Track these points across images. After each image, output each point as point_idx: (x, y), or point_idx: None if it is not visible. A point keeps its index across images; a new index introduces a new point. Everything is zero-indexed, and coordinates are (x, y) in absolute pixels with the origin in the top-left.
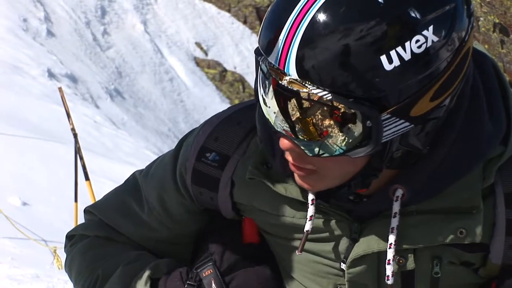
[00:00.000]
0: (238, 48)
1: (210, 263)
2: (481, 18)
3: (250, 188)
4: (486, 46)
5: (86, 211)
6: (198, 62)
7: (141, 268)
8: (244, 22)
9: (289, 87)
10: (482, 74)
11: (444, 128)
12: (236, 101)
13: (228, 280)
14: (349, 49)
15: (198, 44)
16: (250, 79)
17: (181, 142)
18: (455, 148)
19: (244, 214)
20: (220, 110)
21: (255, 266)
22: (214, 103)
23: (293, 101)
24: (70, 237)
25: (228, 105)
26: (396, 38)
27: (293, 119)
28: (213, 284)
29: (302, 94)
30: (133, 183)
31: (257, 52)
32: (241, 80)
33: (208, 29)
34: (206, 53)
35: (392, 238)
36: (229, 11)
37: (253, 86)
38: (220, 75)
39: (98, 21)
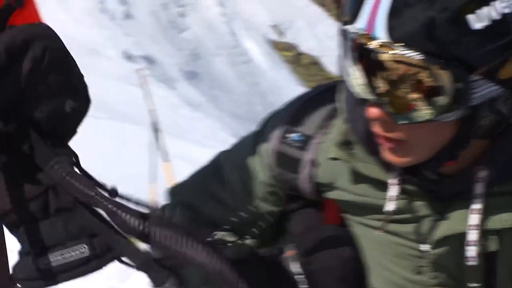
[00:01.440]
0: (313, 31)
1: (292, 244)
2: None
3: (332, 169)
4: None
5: (169, 192)
6: (273, 44)
7: (223, 249)
8: (320, 5)
9: (379, 50)
10: None
11: None
12: (312, 84)
13: (309, 261)
14: (438, 9)
15: (274, 27)
16: (326, 61)
17: (263, 123)
18: None
19: (325, 195)
20: (295, 93)
21: (336, 247)
22: (290, 86)
23: (383, 65)
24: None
25: (304, 88)
26: None
27: (383, 84)
28: (295, 265)
29: (391, 57)
30: (216, 165)
31: (343, 22)
32: (317, 63)
33: (284, 12)
34: (282, 36)
35: (475, 219)
36: None
37: (328, 69)
38: (295, 58)
39: (175, 3)
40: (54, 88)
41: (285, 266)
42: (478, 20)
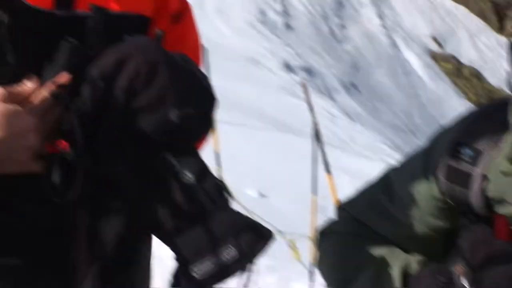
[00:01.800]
0: (474, 42)
1: (462, 260)
2: None
3: (503, 183)
4: None
5: (338, 207)
6: (433, 56)
7: (393, 265)
8: (481, 17)
9: None
10: None
11: None
12: (472, 96)
13: (480, 278)
14: None
15: (434, 38)
16: (487, 74)
17: (434, 139)
18: None
19: (496, 210)
20: (456, 105)
21: (506, 263)
22: (450, 98)
23: None
24: (322, 233)
25: (464, 101)
26: None
27: None
28: (465, 282)
29: None
30: (385, 180)
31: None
32: (478, 76)
33: (444, 23)
34: (442, 47)
35: None
36: (466, 5)
37: (489, 81)
38: (456, 70)
39: (335, 14)
40: (153, 101)
41: (454, 282)
42: None
